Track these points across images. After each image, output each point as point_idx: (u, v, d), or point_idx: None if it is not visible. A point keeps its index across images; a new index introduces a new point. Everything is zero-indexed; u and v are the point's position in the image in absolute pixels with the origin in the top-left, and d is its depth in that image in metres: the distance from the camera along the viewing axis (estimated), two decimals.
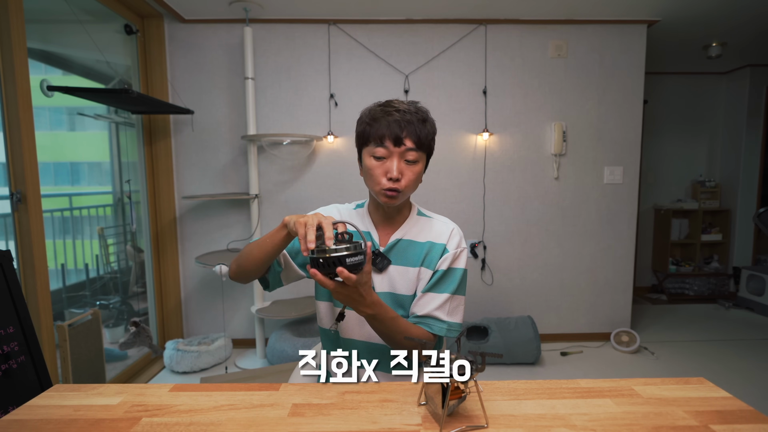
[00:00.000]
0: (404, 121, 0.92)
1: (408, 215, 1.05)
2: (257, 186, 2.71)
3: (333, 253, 0.74)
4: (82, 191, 2.62)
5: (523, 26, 2.74)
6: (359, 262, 0.76)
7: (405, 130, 0.92)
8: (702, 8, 2.58)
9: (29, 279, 1.71)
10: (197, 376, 2.48)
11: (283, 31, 2.69)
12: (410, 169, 0.95)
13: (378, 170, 0.94)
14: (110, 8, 2.33)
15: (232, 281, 2.83)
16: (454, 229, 1.02)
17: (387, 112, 0.94)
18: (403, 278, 0.99)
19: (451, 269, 0.98)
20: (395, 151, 0.93)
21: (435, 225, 1.03)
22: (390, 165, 0.93)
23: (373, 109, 0.97)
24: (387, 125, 0.92)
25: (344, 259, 0.74)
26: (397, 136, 0.92)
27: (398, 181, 0.93)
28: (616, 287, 2.96)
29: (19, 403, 0.76)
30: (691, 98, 4.04)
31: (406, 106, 0.95)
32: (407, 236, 1.02)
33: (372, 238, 1.03)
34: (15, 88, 1.63)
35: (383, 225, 1.04)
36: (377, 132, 0.93)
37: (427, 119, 0.96)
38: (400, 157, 0.93)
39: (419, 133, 0.93)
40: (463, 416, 0.69)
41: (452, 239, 1.00)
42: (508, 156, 2.83)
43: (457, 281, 0.98)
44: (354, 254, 0.75)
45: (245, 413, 0.71)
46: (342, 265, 0.74)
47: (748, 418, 0.68)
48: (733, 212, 4.02)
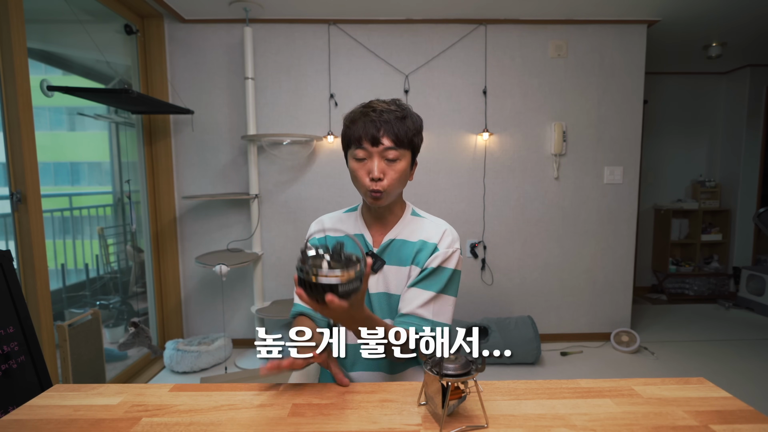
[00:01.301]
0: (381, 120, 0.91)
1: (401, 215, 1.04)
2: (257, 186, 2.71)
3: (325, 278, 0.65)
4: (82, 191, 2.62)
5: (523, 26, 2.74)
6: (353, 289, 0.68)
7: (381, 129, 0.91)
8: (702, 8, 2.58)
9: (29, 279, 1.71)
10: (197, 376, 2.48)
11: (283, 31, 2.69)
12: (392, 168, 0.94)
13: (360, 171, 0.94)
14: (110, 8, 2.33)
15: (231, 281, 2.83)
16: (447, 229, 1.01)
17: (365, 113, 0.94)
18: (396, 278, 0.99)
19: (440, 268, 0.96)
20: (374, 151, 0.92)
21: (427, 225, 1.02)
22: (371, 165, 0.93)
23: (353, 111, 0.97)
24: (363, 126, 0.92)
25: (336, 287, 0.66)
26: (374, 136, 0.91)
27: (380, 180, 0.92)
28: (616, 287, 2.96)
29: (19, 403, 0.76)
30: (691, 98, 4.04)
31: (385, 106, 0.94)
32: (400, 236, 1.01)
33: (365, 240, 1.03)
34: (15, 88, 1.63)
35: (376, 226, 1.04)
36: (355, 134, 0.93)
37: (406, 116, 0.95)
38: (380, 157, 0.93)
39: (397, 131, 0.92)
40: (463, 416, 0.69)
41: (444, 239, 0.99)
42: (508, 156, 2.83)
43: (445, 280, 0.95)
44: (348, 281, 0.66)
45: (245, 413, 0.71)
46: (333, 293, 0.66)
47: (748, 418, 0.68)
48: (733, 212, 4.02)
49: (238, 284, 2.86)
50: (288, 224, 2.81)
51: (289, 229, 2.82)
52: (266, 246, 2.82)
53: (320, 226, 1.09)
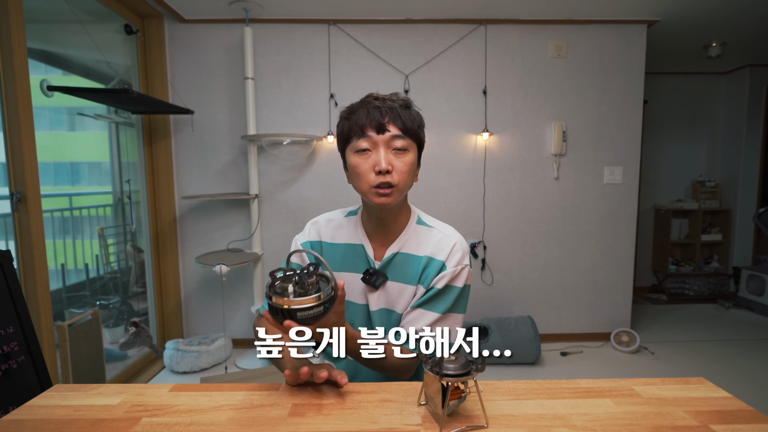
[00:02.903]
0: (385, 107, 0.83)
1: (406, 224, 0.94)
2: (257, 186, 2.71)
3: (282, 304, 0.65)
4: (82, 191, 2.62)
5: (523, 26, 2.74)
6: (315, 315, 0.66)
7: (387, 116, 0.83)
8: (702, 8, 2.58)
9: (29, 279, 1.71)
10: (197, 376, 2.48)
11: (283, 31, 2.69)
12: (401, 160, 0.84)
13: (364, 166, 0.84)
14: (110, 8, 2.33)
15: (231, 281, 2.83)
16: (457, 243, 0.90)
17: (366, 102, 0.86)
18: (401, 297, 0.91)
19: (447, 287, 0.88)
20: (380, 139, 0.83)
21: (435, 236, 0.92)
22: (377, 157, 0.83)
23: (351, 104, 0.88)
24: (366, 114, 0.83)
25: (294, 313, 0.65)
26: (380, 123, 0.82)
27: (389, 173, 0.82)
28: (616, 287, 2.96)
29: (19, 403, 0.76)
30: (691, 98, 4.04)
31: (387, 96, 0.87)
32: (404, 249, 0.92)
33: (365, 252, 0.94)
34: (15, 88, 1.63)
35: (378, 236, 0.94)
36: (357, 123, 0.84)
37: (410, 106, 0.88)
38: (387, 147, 0.83)
39: (404, 119, 0.84)
40: (463, 416, 0.69)
41: (452, 256, 0.89)
42: (508, 156, 2.83)
43: (452, 300, 0.88)
44: (308, 307, 0.65)
45: (245, 413, 0.71)
46: (291, 318, 0.65)
47: (748, 418, 0.68)
48: (733, 212, 4.02)
49: (238, 284, 2.86)
50: (288, 224, 2.81)
51: (289, 229, 2.81)
52: (266, 246, 2.82)
53: (315, 230, 0.99)
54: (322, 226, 0.99)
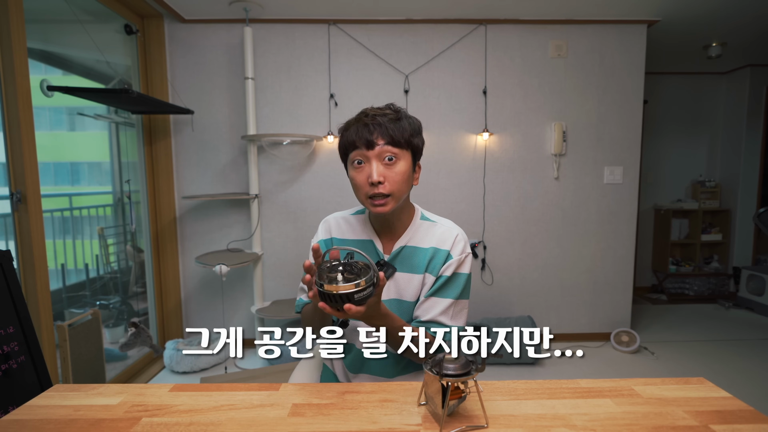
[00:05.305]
0: (373, 123, 0.91)
1: (410, 221, 1.03)
2: (257, 186, 2.71)
3: (341, 290, 0.72)
4: (82, 191, 2.62)
5: (523, 26, 2.74)
6: (367, 296, 0.74)
7: (375, 132, 0.91)
8: (702, 8, 2.58)
9: (29, 279, 1.71)
10: (197, 376, 2.48)
11: (283, 31, 2.69)
12: (392, 170, 0.92)
13: (359, 178, 0.93)
14: (110, 8, 2.33)
15: (231, 281, 2.83)
16: (459, 234, 1.00)
17: (358, 119, 0.94)
18: (409, 285, 0.99)
19: (455, 275, 0.97)
20: (370, 154, 0.91)
21: (439, 230, 1.01)
22: (369, 169, 0.91)
23: (348, 120, 0.97)
24: (356, 131, 0.92)
25: (352, 296, 0.72)
26: (368, 139, 0.90)
27: (381, 184, 0.90)
28: (616, 287, 2.96)
29: (19, 403, 0.76)
30: (691, 98, 4.03)
31: (378, 110, 0.94)
32: (411, 242, 1.00)
33: (375, 246, 1.02)
34: (15, 88, 1.63)
35: (385, 232, 1.03)
36: (349, 140, 0.93)
37: (401, 118, 0.94)
38: (378, 159, 0.91)
39: (391, 132, 0.91)
40: (463, 416, 0.69)
41: (456, 245, 0.98)
42: (508, 156, 2.83)
43: (461, 286, 0.97)
44: (362, 289, 0.72)
45: (245, 413, 0.71)
46: (350, 302, 0.72)
47: (748, 418, 0.68)
48: (733, 212, 4.01)
49: (238, 284, 2.86)
50: (288, 224, 2.81)
51: (289, 229, 2.82)
52: (266, 246, 2.82)
53: (326, 228, 1.07)
54: (333, 224, 1.07)
